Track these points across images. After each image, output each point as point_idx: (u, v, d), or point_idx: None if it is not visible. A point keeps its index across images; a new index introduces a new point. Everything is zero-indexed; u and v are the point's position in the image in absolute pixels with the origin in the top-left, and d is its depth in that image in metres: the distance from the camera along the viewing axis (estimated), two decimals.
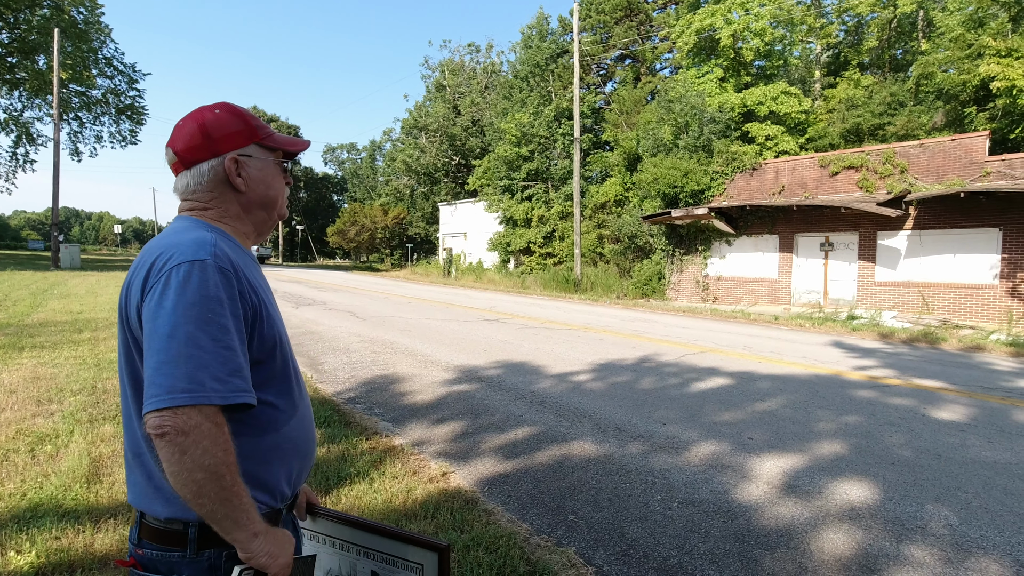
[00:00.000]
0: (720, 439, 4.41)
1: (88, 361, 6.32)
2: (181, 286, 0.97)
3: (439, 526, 2.91)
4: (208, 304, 0.97)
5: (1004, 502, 3.40)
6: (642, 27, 27.75)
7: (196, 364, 0.93)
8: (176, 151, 1.15)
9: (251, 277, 1.11)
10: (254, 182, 1.19)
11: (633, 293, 19.39)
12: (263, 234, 1.27)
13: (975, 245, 12.76)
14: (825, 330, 11.36)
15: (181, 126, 1.15)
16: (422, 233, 42.91)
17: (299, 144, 1.29)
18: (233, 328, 1.00)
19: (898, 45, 24.39)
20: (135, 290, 1.03)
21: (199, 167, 1.14)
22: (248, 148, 1.17)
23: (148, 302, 0.98)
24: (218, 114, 1.16)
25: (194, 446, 0.91)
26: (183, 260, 0.99)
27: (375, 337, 8.77)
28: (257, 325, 1.08)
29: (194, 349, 0.94)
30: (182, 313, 0.95)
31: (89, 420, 4.30)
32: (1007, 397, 5.95)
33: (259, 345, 1.09)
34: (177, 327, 0.94)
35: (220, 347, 0.96)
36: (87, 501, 3.01)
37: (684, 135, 18.50)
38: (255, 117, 1.22)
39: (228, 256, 1.05)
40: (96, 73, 33.17)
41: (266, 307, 1.12)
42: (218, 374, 0.95)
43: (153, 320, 0.96)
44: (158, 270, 1.00)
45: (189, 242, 1.03)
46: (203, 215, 1.16)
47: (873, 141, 18.57)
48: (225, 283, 1.01)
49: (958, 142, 13.13)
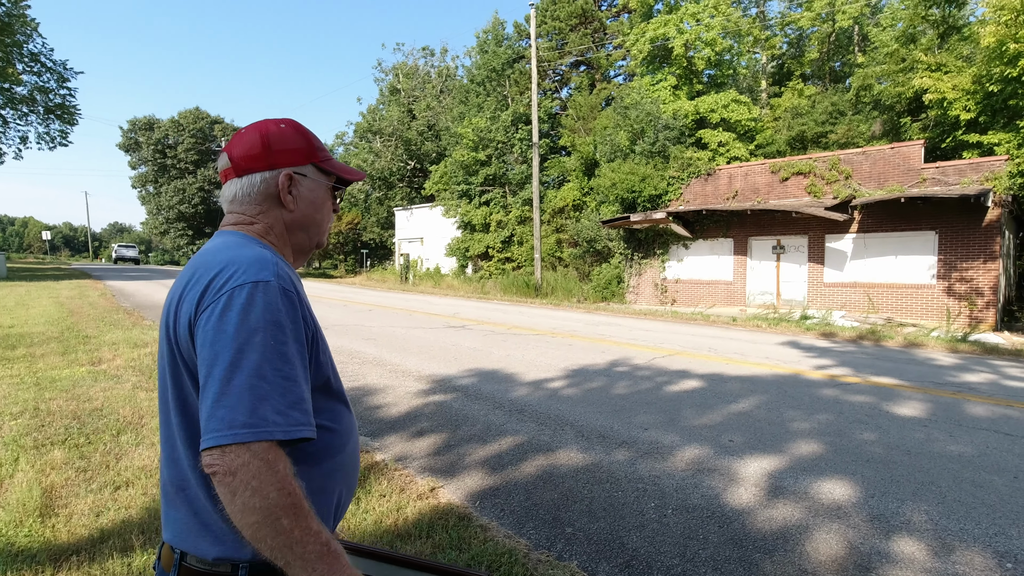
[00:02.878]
0: (702, 443, 4.45)
1: (26, 380, 5.82)
2: (244, 309, 0.90)
3: (436, 545, 2.79)
4: (272, 330, 0.91)
5: (975, 495, 3.55)
6: (596, 34, 28.24)
7: (257, 396, 0.86)
8: (232, 157, 1.11)
9: (305, 296, 1.07)
10: (304, 202, 1.15)
11: (593, 297, 19.60)
12: (300, 259, 1.22)
13: (914, 247, 13.53)
14: (781, 330, 11.77)
15: (243, 134, 1.12)
16: (377, 238, 42.12)
17: (355, 174, 1.25)
18: (296, 356, 0.94)
19: (837, 57, 25.72)
20: (187, 305, 0.96)
21: (252, 177, 1.11)
22: (305, 167, 1.14)
23: (205, 323, 0.91)
24: (283, 128, 1.13)
25: (243, 487, 0.83)
26: (247, 280, 0.93)
27: (340, 347, 8.49)
28: (315, 351, 1.03)
29: (256, 380, 0.87)
30: (245, 339, 0.88)
31: (35, 446, 3.94)
32: (957, 392, 6.28)
33: (316, 371, 1.04)
34: (239, 355, 0.87)
35: (281, 377, 0.89)
36: (43, 537, 2.72)
37: (640, 141, 18.88)
38: (317, 138, 1.19)
39: (290, 277, 1.00)
40: (22, 69, 31.02)
41: (319, 329, 1.08)
42: (279, 407, 0.88)
43: (212, 345, 0.89)
44: (217, 288, 0.93)
45: (250, 260, 0.97)
46: (249, 230, 1.12)
47: (817, 148, 19.47)
48: (289, 307, 0.95)
49: (897, 150, 13.91)
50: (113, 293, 17.00)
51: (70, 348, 7.53)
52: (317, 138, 1.19)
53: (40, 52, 31.86)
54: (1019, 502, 3.45)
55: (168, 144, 52.67)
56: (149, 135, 52.31)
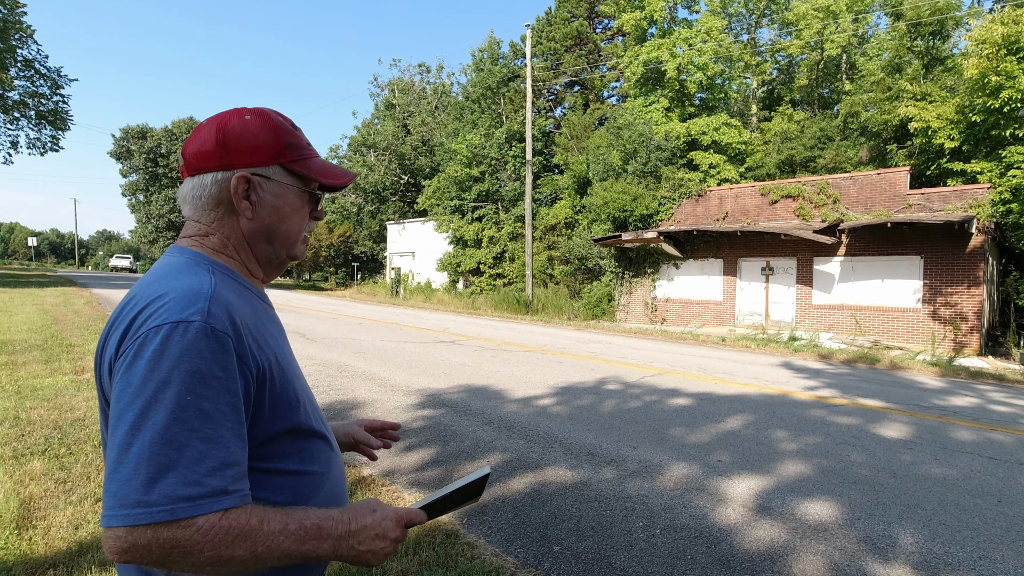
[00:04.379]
0: (690, 462, 4.45)
1: (7, 388, 5.72)
2: (155, 357, 0.76)
3: (422, 563, 2.76)
4: (189, 382, 0.76)
5: (960, 518, 3.57)
6: (591, 56, 28.69)
7: (159, 466, 0.73)
8: (184, 154, 0.98)
9: (258, 330, 0.92)
10: (265, 210, 0.98)
11: (584, 314, 19.64)
12: (271, 272, 1.06)
13: (900, 271, 13.73)
14: (769, 351, 11.84)
15: (201, 127, 0.97)
16: (368, 252, 42.04)
17: (338, 176, 1.05)
18: (225, 409, 0.79)
19: (825, 84, 26.28)
20: (111, 347, 0.83)
21: (202, 178, 0.95)
22: (269, 168, 0.97)
23: (117, 371, 0.79)
24: (247, 121, 0.97)
25: (164, 563, 0.75)
26: (165, 320, 0.79)
27: (329, 360, 8.43)
28: (268, 389, 0.89)
29: (160, 445, 0.73)
30: (152, 395, 0.74)
31: (14, 456, 3.86)
32: (943, 415, 6.34)
33: (273, 412, 0.90)
34: (143, 414, 0.74)
35: (198, 439, 0.75)
36: (20, 551, 2.66)
37: (633, 161, 19.10)
38: (294, 133, 1.01)
39: (228, 308, 0.85)
40: (15, 75, 30.93)
41: (277, 363, 0.92)
42: (191, 476, 0.74)
43: (117, 400, 0.77)
44: (134, 330, 0.80)
45: (180, 293, 0.83)
46: (204, 244, 0.97)
47: (805, 172, 19.79)
48: (217, 350, 0.80)
49: (883, 176, 14.18)
50: (99, 301, 16.79)
51: (53, 356, 7.41)
52: (295, 132, 1.02)
53: (35, 58, 31.81)
54: (1003, 526, 3.47)
55: (160, 153, 52.50)
56: (142, 143, 52.13)
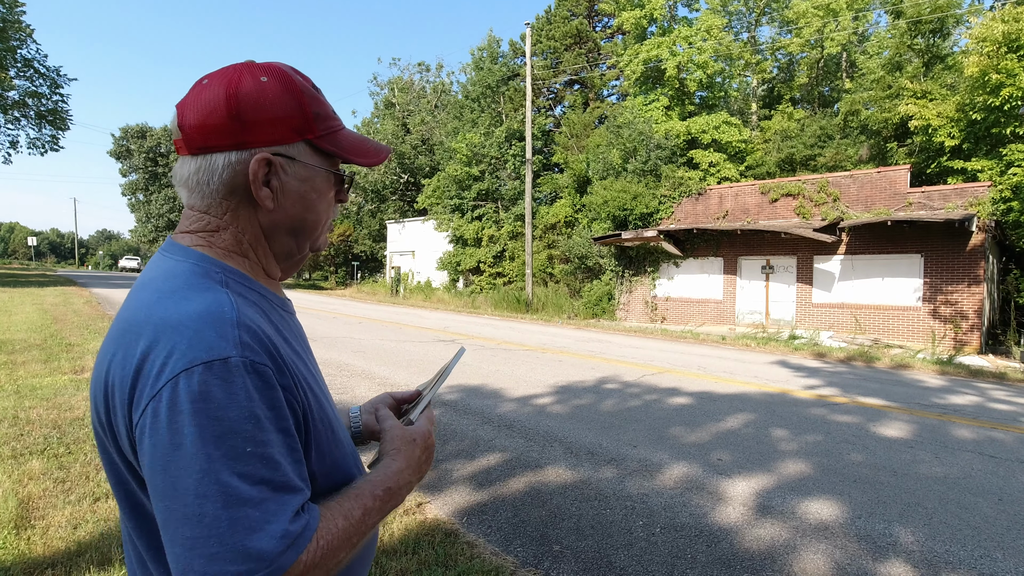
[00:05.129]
0: (690, 461, 4.44)
1: (6, 388, 5.72)
2: (198, 411, 0.62)
3: (422, 562, 2.75)
4: (244, 430, 0.64)
5: (961, 516, 3.56)
6: (591, 55, 28.66)
7: (245, 529, 0.61)
8: (183, 125, 0.75)
9: (290, 348, 0.77)
10: (289, 198, 0.79)
11: (584, 313, 19.64)
12: (289, 269, 0.90)
13: (901, 270, 13.72)
14: (769, 350, 11.83)
15: (203, 87, 0.75)
16: (368, 251, 42.04)
17: (372, 154, 0.86)
18: (283, 451, 0.67)
19: (825, 83, 26.25)
20: (119, 399, 0.68)
21: (211, 159, 0.75)
22: (294, 146, 0.78)
23: (148, 433, 0.63)
24: (264, 84, 0.75)
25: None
26: (194, 362, 0.63)
27: (329, 359, 8.42)
28: (310, 423, 0.75)
29: (236, 509, 0.61)
30: (207, 456, 0.62)
31: (12, 455, 3.85)
32: (943, 414, 6.33)
33: (316, 449, 0.77)
34: (206, 480, 0.61)
35: (272, 489, 0.64)
36: (18, 551, 2.66)
37: (632, 160, 19.08)
38: (319, 99, 0.81)
39: (258, 334, 0.69)
40: (14, 75, 30.92)
41: (311, 390, 0.77)
42: (279, 529, 0.63)
43: (165, 469, 0.62)
44: (154, 376, 0.64)
45: (196, 319, 0.66)
46: (211, 243, 0.78)
47: (805, 171, 19.78)
48: (263, 388, 0.66)
49: (883, 174, 14.16)
50: (99, 300, 16.78)
51: (53, 355, 7.41)
52: (319, 98, 0.81)
53: (34, 58, 31.79)
54: (1004, 524, 3.46)
55: (160, 152, 52.55)
56: (141, 143, 52.19)
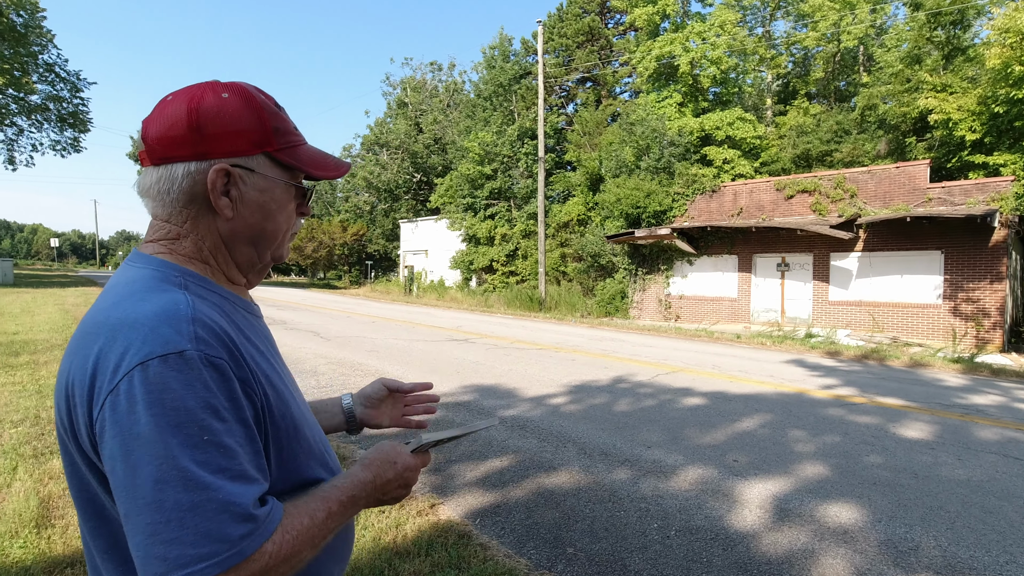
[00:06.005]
0: (706, 463, 4.39)
1: (28, 388, 5.82)
2: (155, 401, 0.65)
3: (435, 564, 2.75)
4: (201, 419, 0.66)
5: (985, 520, 3.48)
6: (603, 52, 28.51)
7: (205, 513, 0.64)
8: (147, 137, 0.80)
9: (252, 347, 0.81)
10: (248, 208, 0.83)
11: (597, 312, 19.55)
12: (252, 279, 0.92)
13: (920, 267, 13.47)
14: (785, 348, 11.68)
15: (167, 103, 0.80)
16: (382, 250, 42.25)
17: (331, 168, 0.91)
18: (241, 441, 0.71)
19: (842, 77, 25.85)
20: (79, 398, 0.70)
21: (171, 168, 0.79)
22: (253, 158, 0.82)
23: (108, 426, 0.66)
24: (225, 100, 0.80)
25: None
26: (149, 355, 0.66)
27: (342, 358, 8.47)
28: (267, 418, 0.78)
29: (196, 493, 0.64)
30: (164, 444, 0.64)
31: (34, 455, 3.92)
32: (965, 414, 6.20)
33: (275, 445, 0.80)
34: (165, 466, 0.63)
35: (230, 477, 0.67)
36: (39, 549, 2.70)
37: (646, 157, 18.94)
38: (279, 115, 0.86)
39: (214, 329, 0.73)
40: (36, 79, 31.52)
41: (272, 386, 0.80)
42: (240, 512, 0.66)
43: (125, 458, 0.64)
44: (111, 372, 0.67)
45: (151, 317, 0.69)
46: (174, 248, 0.82)
47: (821, 167, 19.50)
48: (220, 380, 0.70)
49: (902, 169, 13.91)
50: None
51: None
52: (279, 114, 0.86)
53: (55, 62, 32.38)
54: None
55: None
56: None
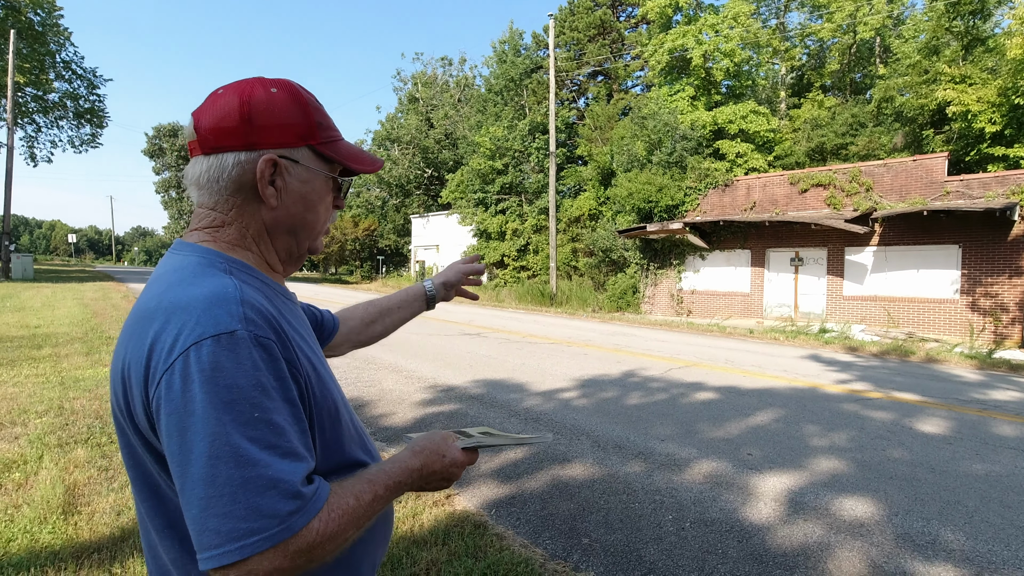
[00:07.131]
0: (719, 456, 4.39)
1: (52, 379, 5.94)
2: (208, 380, 0.68)
3: (452, 553, 2.78)
4: (252, 397, 0.70)
5: (1004, 515, 3.45)
6: (615, 45, 28.32)
7: (256, 488, 0.67)
8: (199, 127, 0.84)
9: (294, 330, 0.84)
10: (292, 197, 0.88)
11: (608, 307, 19.52)
12: (289, 267, 0.95)
13: (937, 261, 13.29)
14: (799, 343, 11.60)
15: (218, 96, 0.86)
16: (393, 245, 42.46)
17: (367, 163, 0.96)
18: (289, 419, 0.74)
19: (858, 69, 25.47)
20: (135, 379, 0.74)
21: (222, 158, 0.84)
22: (298, 150, 0.87)
23: (163, 403, 0.70)
24: (274, 94, 0.85)
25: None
26: (202, 336, 0.70)
27: (355, 353, 8.53)
28: (311, 399, 0.82)
29: (248, 469, 0.68)
30: (218, 420, 0.68)
31: (59, 444, 4.01)
32: (983, 409, 6.13)
33: (318, 425, 0.84)
34: (217, 442, 0.67)
35: (280, 454, 0.71)
36: (66, 535, 2.77)
37: (657, 151, 18.83)
38: (322, 111, 0.92)
39: (262, 312, 0.76)
40: (54, 77, 31.95)
41: (314, 369, 0.84)
42: (290, 489, 0.70)
43: (180, 435, 0.68)
44: (166, 352, 0.70)
45: (202, 300, 0.73)
46: (217, 238, 0.86)
47: (836, 160, 19.26)
48: (268, 360, 0.73)
49: (919, 162, 13.71)
50: (135, 295, 17.30)
51: (94, 348, 7.67)
52: (321, 110, 0.92)
53: (72, 60, 32.77)
54: None
55: None
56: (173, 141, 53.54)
